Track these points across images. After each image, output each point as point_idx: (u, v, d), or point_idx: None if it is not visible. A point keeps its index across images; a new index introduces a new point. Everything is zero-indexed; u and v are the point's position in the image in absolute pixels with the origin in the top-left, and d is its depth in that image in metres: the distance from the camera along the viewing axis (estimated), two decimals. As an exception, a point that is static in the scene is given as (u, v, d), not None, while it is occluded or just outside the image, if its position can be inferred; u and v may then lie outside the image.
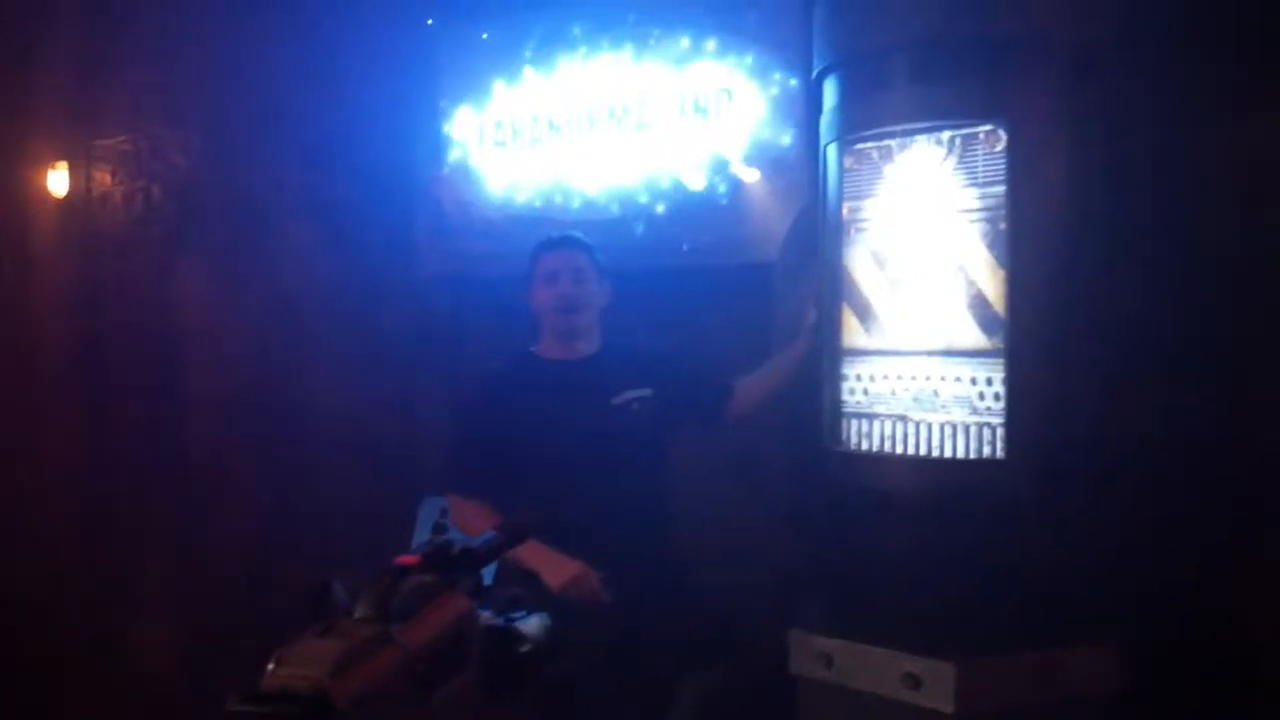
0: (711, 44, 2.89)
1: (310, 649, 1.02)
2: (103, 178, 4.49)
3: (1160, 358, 2.20)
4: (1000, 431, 1.95)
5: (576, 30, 3.17)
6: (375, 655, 1.04)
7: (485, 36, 3.39)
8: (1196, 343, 2.22)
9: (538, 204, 3.24)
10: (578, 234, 2.59)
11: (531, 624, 1.28)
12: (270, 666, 1.00)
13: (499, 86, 3.33)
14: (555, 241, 2.52)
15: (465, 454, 2.45)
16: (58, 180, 4.56)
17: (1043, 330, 1.94)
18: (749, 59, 2.82)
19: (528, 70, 3.26)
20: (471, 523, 2.27)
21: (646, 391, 2.40)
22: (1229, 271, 2.23)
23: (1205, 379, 2.23)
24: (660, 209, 2.97)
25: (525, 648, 1.25)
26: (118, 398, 4.39)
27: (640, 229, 3.00)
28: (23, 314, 4.58)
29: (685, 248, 2.92)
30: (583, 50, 3.15)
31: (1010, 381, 1.94)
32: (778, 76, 2.77)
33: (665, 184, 2.96)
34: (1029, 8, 1.96)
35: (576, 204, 3.14)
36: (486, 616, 1.23)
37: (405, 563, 1.15)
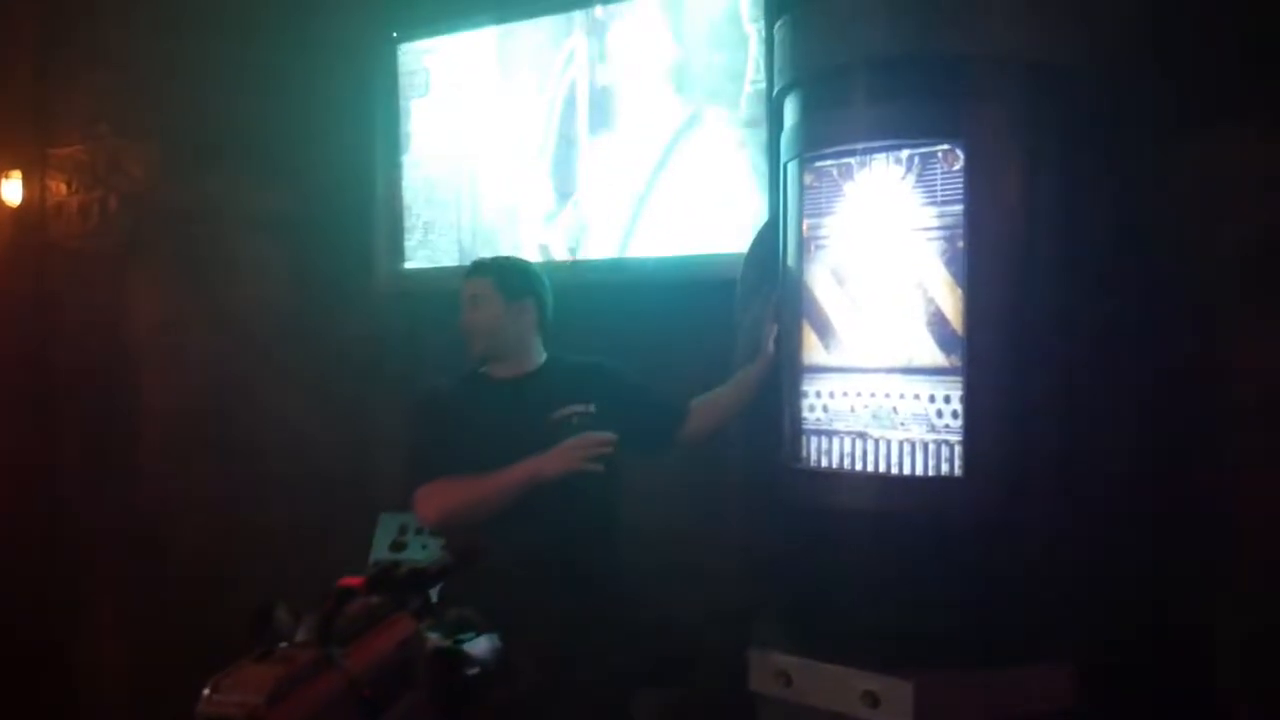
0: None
1: (247, 675, 0.99)
2: (58, 187, 4.42)
3: (1120, 374, 2.21)
4: (958, 449, 1.95)
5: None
6: (315, 680, 1.01)
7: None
8: (1157, 358, 2.24)
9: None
10: (488, 258, 2.63)
11: (480, 645, 1.26)
12: (206, 693, 0.98)
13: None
14: (467, 269, 2.60)
15: (421, 456, 2.41)
16: (11, 189, 4.48)
17: (1000, 348, 1.94)
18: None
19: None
20: (449, 495, 2.26)
21: (589, 407, 2.38)
22: (1190, 286, 2.25)
23: (1166, 394, 2.24)
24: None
25: (473, 670, 1.23)
26: (67, 409, 4.32)
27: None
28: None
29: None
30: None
31: (968, 399, 1.94)
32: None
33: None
34: (986, 29, 1.97)
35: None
36: (434, 639, 1.21)
37: (349, 584, 1.13)
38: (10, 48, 4.46)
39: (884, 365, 2.03)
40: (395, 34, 3.46)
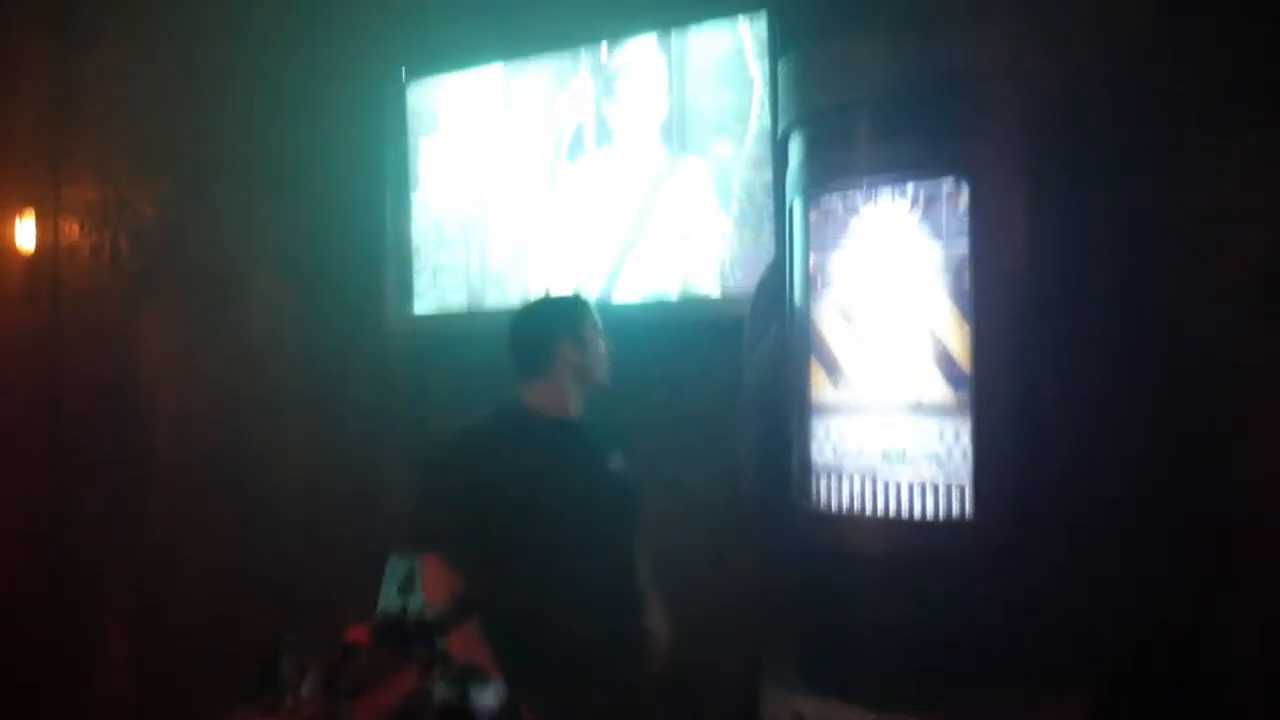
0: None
1: (252, 730, 0.98)
2: (70, 228, 4.45)
3: (1129, 412, 2.20)
4: (969, 490, 1.94)
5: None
6: (320, 737, 1.00)
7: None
8: (1166, 396, 2.22)
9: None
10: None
11: (487, 696, 1.24)
12: (210, 749, 0.97)
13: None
14: (588, 301, 2.56)
15: (431, 513, 2.39)
16: (24, 230, 4.52)
17: (1008, 386, 1.93)
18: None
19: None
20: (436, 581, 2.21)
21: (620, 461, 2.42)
22: (1197, 316, 2.24)
23: (1176, 432, 2.22)
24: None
25: (480, 725, 1.21)
26: (77, 451, 4.32)
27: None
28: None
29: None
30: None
31: (976, 438, 1.92)
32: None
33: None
34: (988, 65, 1.98)
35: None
36: (440, 692, 1.20)
37: (355, 639, 1.12)
38: (23, 89, 4.52)
39: (892, 404, 2.02)
40: (404, 72, 3.48)
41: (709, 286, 2.92)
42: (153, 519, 4.04)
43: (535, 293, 2.99)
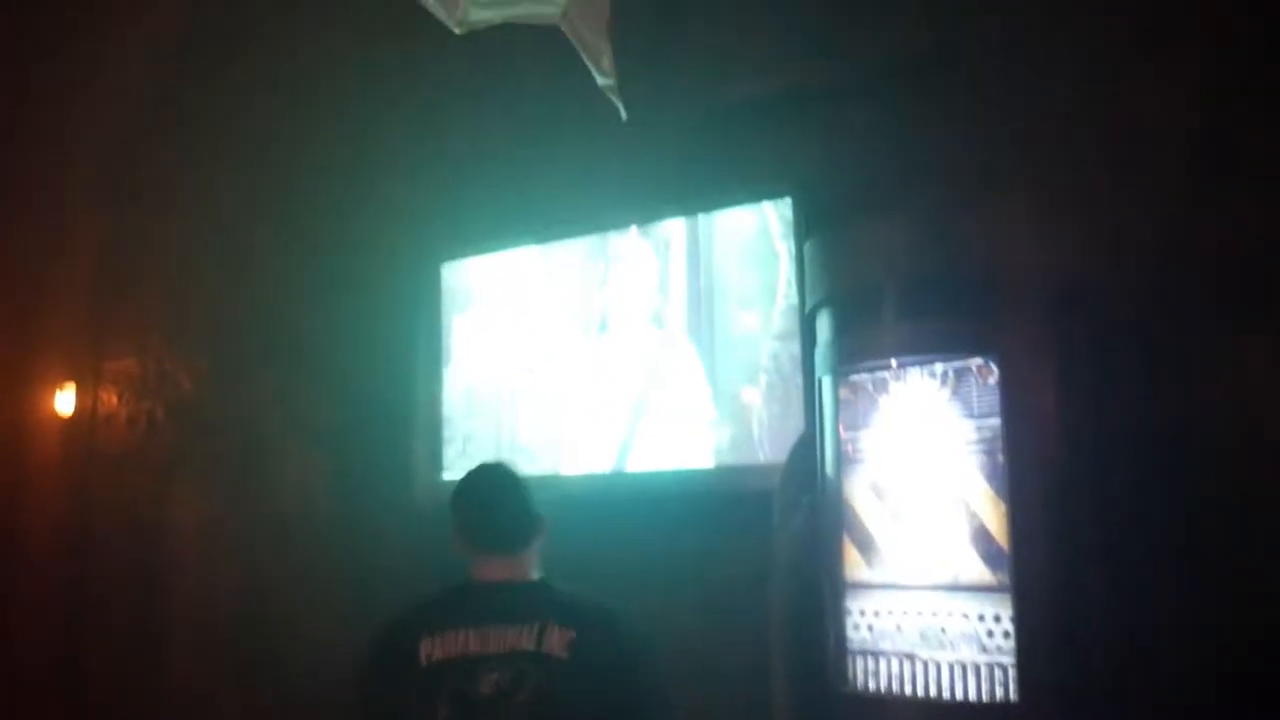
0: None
1: None
2: (109, 398, 4.55)
3: (1170, 588, 2.15)
4: (1012, 671, 1.88)
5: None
6: None
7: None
8: (1207, 571, 2.18)
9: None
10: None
11: None
12: None
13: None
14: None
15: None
16: (65, 400, 4.62)
17: (1048, 566, 1.89)
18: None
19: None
20: None
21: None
22: (1227, 481, 2.21)
23: (1220, 608, 2.17)
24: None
25: None
26: (101, 615, 4.29)
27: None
28: (11, 529, 4.54)
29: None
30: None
31: (1019, 619, 1.88)
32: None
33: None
34: (1009, 248, 2.02)
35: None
36: None
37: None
38: (74, 260, 4.70)
39: (929, 582, 1.99)
40: (440, 254, 3.60)
41: (730, 458, 2.92)
42: (173, 686, 3.96)
43: (553, 464, 2.99)
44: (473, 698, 1.94)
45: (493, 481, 2.20)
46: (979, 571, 1.94)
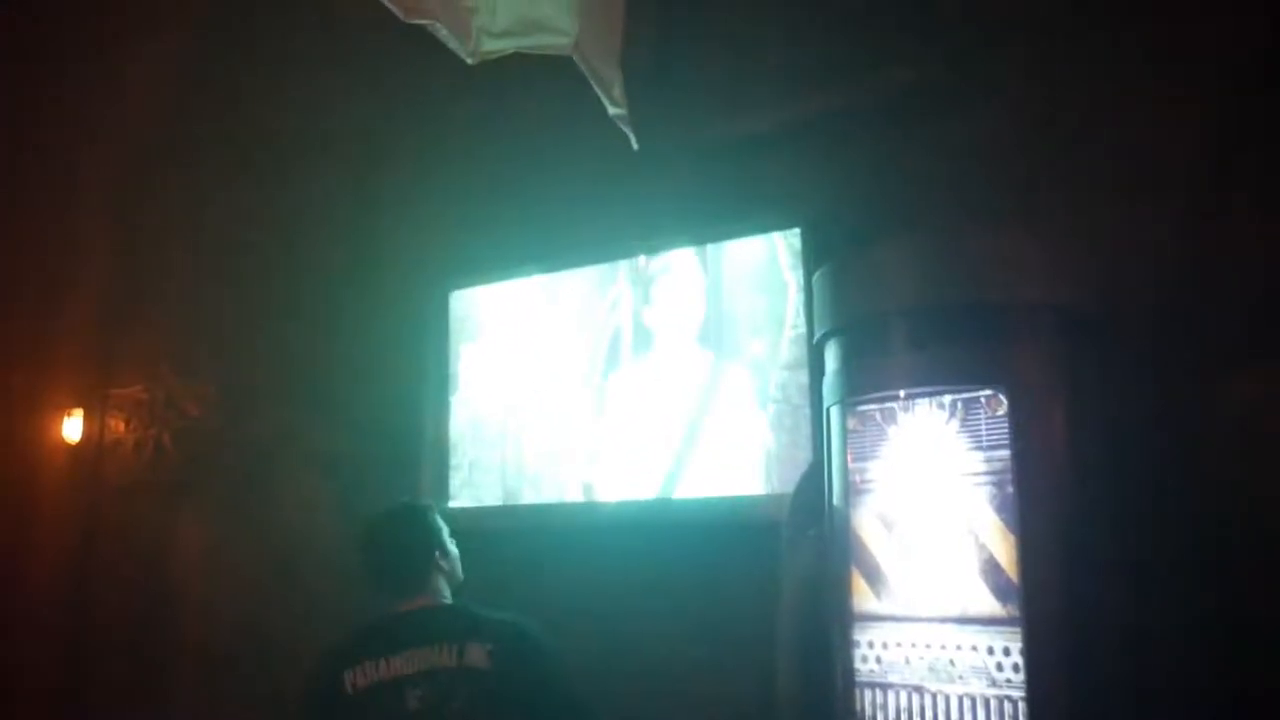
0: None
1: None
2: (116, 425, 4.56)
3: (1182, 622, 2.13)
4: (1022, 705, 1.86)
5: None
6: None
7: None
8: (1221, 605, 2.16)
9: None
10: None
11: None
12: None
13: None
14: None
15: None
16: (72, 426, 4.63)
17: (1058, 600, 1.87)
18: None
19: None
20: None
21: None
22: (1241, 511, 2.20)
23: (1234, 640, 2.15)
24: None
25: None
26: (102, 642, 4.27)
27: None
28: (18, 552, 4.53)
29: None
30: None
31: (1029, 652, 1.86)
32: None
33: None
34: (1020, 278, 2.02)
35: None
36: None
37: None
38: (83, 287, 4.72)
39: (938, 614, 1.97)
40: (449, 283, 3.61)
41: (745, 488, 2.91)
42: (177, 710, 3.93)
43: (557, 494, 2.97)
44: (402, 715, 2.17)
45: (390, 531, 2.47)
46: (988, 604, 1.93)
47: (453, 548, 2.49)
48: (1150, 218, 2.43)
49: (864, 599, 2.09)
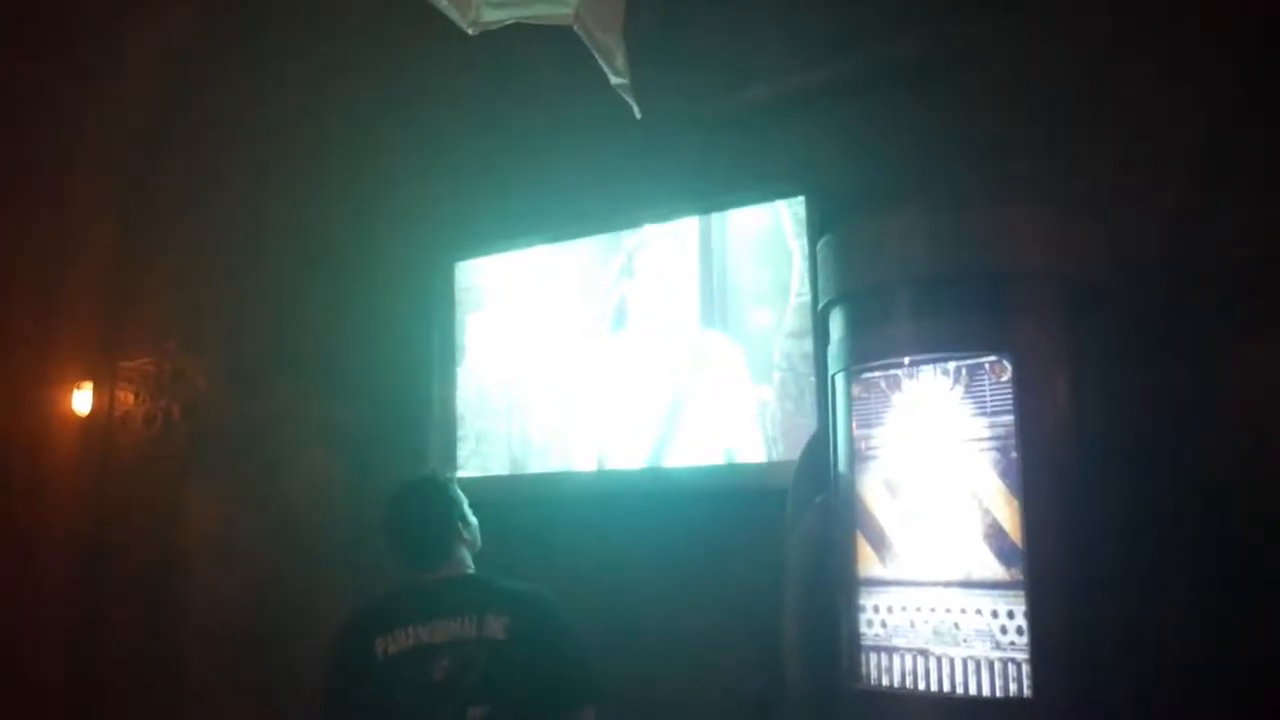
0: (720, 274, 3.01)
1: None
2: (125, 397, 4.59)
3: (1183, 585, 2.15)
4: (1025, 668, 1.89)
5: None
6: None
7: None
8: (1220, 568, 2.18)
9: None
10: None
11: None
12: None
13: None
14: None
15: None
16: (82, 399, 4.66)
17: (1061, 563, 1.90)
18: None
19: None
20: None
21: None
22: (1243, 478, 2.22)
23: (1234, 603, 2.17)
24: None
25: None
26: (116, 615, 4.32)
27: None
28: (28, 525, 4.57)
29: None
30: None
31: (1032, 615, 1.88)
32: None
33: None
34: (1025, 247, 2.03)
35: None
36: None
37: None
38: (85, 265, 4.73)
39: (942, 579, 1.99)
40: (453, 253, 3.62)
41: (749, 455, 2.93)
42: (187, 682, 3.98)
43: (564, 462, 2.99)
44: (427, 684, 2.23)
45: (414, 503, 2.51)
46: (992, 568, 1.95)
47: (473, 518, 2.52)
48: (1154, 186, 2.43)
49: (869, 564, 2.11)
